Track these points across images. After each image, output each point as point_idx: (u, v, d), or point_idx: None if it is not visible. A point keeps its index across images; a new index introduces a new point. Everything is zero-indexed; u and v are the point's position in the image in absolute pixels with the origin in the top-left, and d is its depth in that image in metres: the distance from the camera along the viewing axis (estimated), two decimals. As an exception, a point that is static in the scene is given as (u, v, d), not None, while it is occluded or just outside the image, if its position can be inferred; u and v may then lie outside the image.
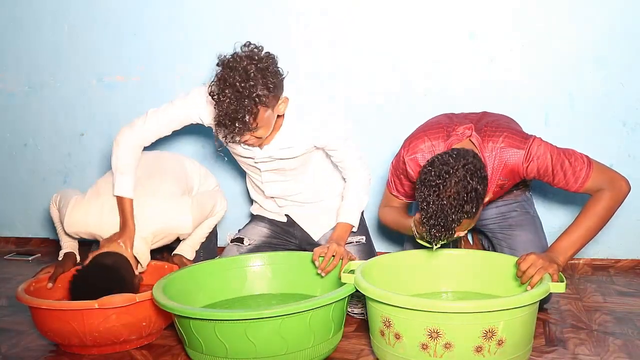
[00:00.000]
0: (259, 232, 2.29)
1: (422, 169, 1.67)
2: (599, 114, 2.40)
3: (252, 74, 1.76)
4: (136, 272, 2.01)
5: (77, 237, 2.16)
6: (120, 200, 2.04)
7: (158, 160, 2.33)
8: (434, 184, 1.59)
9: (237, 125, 1.77)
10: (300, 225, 2.28)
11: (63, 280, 2.06)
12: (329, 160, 2.21)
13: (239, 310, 1.55)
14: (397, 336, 1.52)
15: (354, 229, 2.13)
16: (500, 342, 1.46)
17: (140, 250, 2.03)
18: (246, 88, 1.75)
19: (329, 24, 2.59)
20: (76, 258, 2.18)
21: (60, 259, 2.15)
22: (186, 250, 2.22)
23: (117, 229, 2.04)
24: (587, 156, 1.84)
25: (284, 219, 2.31)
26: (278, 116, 1.94)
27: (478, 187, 1.60)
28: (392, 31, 2.53)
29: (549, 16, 2.38)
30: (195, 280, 1.95)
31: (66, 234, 2.18)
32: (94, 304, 1.72)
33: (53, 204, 2.24)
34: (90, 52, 2.91)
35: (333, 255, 1.92)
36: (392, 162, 2.04)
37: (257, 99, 1.76)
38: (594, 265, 2.47)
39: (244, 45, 1.85)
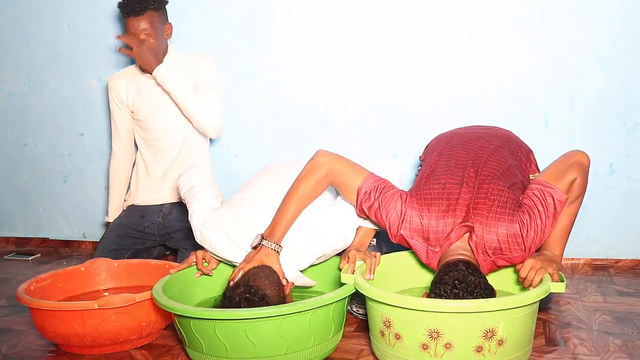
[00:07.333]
0: None
1: (436, 287, 1.61)
2: (599, 114, 2.40)
3: None
4: None
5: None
6: None
7: None
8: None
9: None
10: None
11: (63, 280, 2.06)
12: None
13: (239, 310, 1.55)
14: (398, 336, 1.52)
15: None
16: (500, 342, 1.46)
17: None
18: None
19: (329, 24, 2.59)
20: None
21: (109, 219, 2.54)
22: None
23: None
24: (550, 189, 1.72)
25: None
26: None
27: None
28: (392, 31, 2.53)
29: (548, 16, 2.38)
30: (194, 279, 1.95)
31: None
32: (93, 304, 1.72)
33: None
34: (90, 52, 2.91)
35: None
36: (386, 192, 1.80)
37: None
38: (594, 265, 2.47)
39: None
